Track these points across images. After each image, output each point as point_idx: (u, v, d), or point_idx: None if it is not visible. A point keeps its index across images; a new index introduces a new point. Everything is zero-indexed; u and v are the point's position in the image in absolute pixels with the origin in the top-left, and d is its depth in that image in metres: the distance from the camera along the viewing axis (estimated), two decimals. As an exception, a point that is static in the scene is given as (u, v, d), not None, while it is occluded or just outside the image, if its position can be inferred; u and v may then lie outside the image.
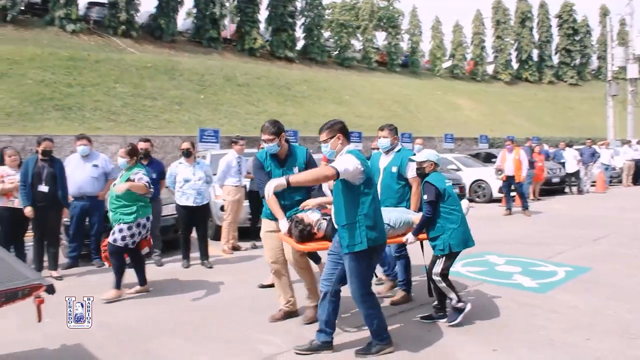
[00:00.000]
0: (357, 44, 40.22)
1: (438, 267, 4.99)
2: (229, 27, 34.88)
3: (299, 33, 35.92)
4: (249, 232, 9.17)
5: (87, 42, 26.64)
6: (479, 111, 36.08)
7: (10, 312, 5.43)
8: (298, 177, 4.04)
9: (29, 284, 3.26)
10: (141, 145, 7.84)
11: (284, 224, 4.88)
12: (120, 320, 5.35)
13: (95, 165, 7.94)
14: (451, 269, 5.07)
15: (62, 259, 7.87)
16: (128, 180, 6.05)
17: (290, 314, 5.28)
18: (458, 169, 16.22)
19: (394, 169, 5.68)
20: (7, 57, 20.98)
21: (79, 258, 7.92)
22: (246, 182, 9.12)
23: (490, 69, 47.37)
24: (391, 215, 5.09)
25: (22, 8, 27.48)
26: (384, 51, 40.81)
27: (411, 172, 5.56)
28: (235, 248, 8.98)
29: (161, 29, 29.80)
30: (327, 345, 4.36)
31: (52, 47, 23.70)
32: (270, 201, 4.98)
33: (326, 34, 38.35)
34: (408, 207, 5.58)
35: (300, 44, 36.00)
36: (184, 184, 7.77)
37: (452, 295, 5.00)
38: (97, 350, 4.54)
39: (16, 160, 7.44)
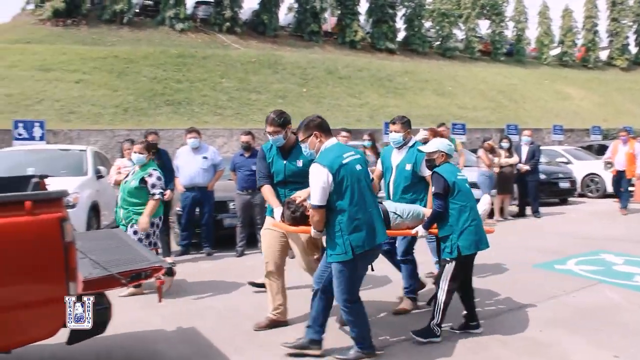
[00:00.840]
0: (459, 34, 39.01)
1: (447, 275, 4.51)
2: (329, 20, 35.00)
3: (400, 24, 35.37)
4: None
5: (195, 39, 27.79)
6: (591, 100, 33.90)
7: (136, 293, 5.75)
8: (314, 227, 4.06)
9: (151, 266, 3.40)
10: (243, 139, 8.11)
11: (278, 212, 4.61)
12: (229, 304, 5.57)
13: (205, 157, 8.22)
14: (562, 267, 4.67)
15: (174, 247, 8.25)
16: (142, 180, 5.95)
17: (277, 323, 4.89)
18: (568, 162, 15.36)
19: (408, 167, 5.26)
20: (124, 56, 22.32)
21: (190, 246, 8.25)
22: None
23: (603, 55, 44.26)
24: (399, 205, 4.81)
25: (137, 10, 29.14)
26: (488, 40, 39.27)
27: (427, 170, 5.06)
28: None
29: (264, 25, 30.46)
30: (315, 344, 4.16)
31: (163, 46, 24.94)
32: (265, 191, 4.84)
33: (427, 24, 37.44)
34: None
35: (401, 35, 35.44)
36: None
37: (437, 317, 4.47)
38: (210, 333, 4.73)
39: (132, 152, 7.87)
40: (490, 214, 11.08)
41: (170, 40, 26.52)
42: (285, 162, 4.81)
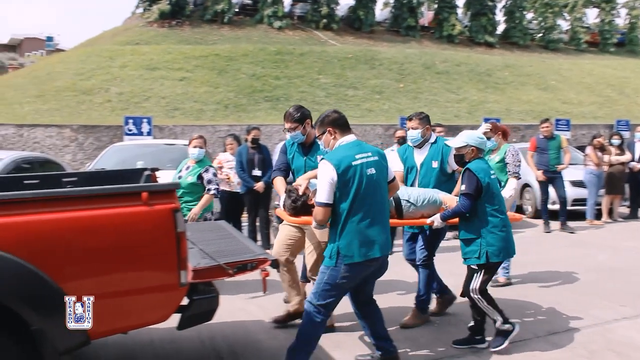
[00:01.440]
0: (563, 24, 37.06)
1: (476, 282, 4.20)
2: (426, 15, 34.40)
3: (499, 16, 34.14)
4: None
5: (292, 36, 28.24)
6: None
7: (240, 283, 5.89)
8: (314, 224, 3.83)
9: (256, 258, 3.46)
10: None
11: (282, 200, 4.42)
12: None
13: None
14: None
15: (273, 239, 8.42)
16: (199, 176, 5.90)
17: (296, 315, 4.76)
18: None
19: (435, 164, 4.85)
20: (225, 54, 23.04)
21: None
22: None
23: None
24: (412, 191, 4.39)
25: (236, 10, 30.01)
26: (595, 30, 36.95)
27: (455, 164, 4.68)
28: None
29: (360, 20, 30.42)
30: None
31: (261, 44, 25.52)
32: (277, 182, 4.71)
33: (529, 15, 35.88)
34: None
35: (500, 28, 34.20)
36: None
37: (497, 316, 4.20)
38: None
39: (234, 147, 8.10)
40: (598, 215, 10.46)
41: (269, 38, 27.11)
42: (305, 158, 4.66)
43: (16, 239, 2.80)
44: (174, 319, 3.30)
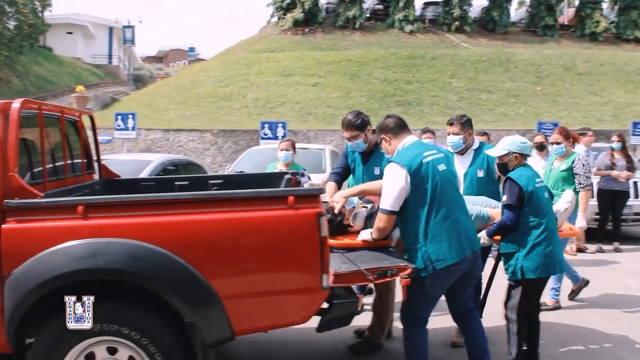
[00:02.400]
0: None
1: (514, 300, 3.84)
2: (566, 12, 32.46)
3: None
4: (595, 234, 8.34)
5: (424, 40, 27.94)
6: None
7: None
8: (375, 233, 3.61)
9: (397, 265, 3.42)
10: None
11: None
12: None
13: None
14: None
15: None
16: None
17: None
18: None
19: (480, 173, 4.40)
20: (357, 60, 23.30)
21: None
22: (595, 179, 8.29)
23: None
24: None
25: (367, 15, 30.28)
26: None
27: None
28: (581, 250, 8.25)
29: (494, 22, 29.44)
30: None
31: (393, 48, 25.51)
32: (327, 187, 4.43)
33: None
34: None
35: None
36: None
37: (513, 349, 3.83)
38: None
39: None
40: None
41: (400, 42, 27.04)
42: (363, 167, 4.41)
43: (172, 237, 2.99)
44: (311, 320, 3.36)
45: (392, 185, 3.41)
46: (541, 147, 7.44)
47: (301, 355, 4.57)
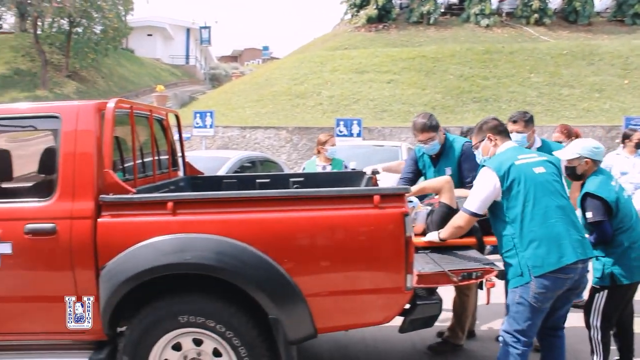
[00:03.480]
0: None
1: (598, 304, 3.59)
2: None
3: None
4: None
5: (501, 34, 27.13)
6: None
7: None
8: (444, 233, 3.52)
9: (482, 267, 3.34)
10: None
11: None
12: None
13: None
14: None
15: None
16: None
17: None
18: None
19: None
20: (432, 56, 22.95)
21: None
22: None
23: None
24: None
25: (442, 10, 29.72)
26: None
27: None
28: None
29: (576, 12, 28.17)
30: None
31: (469, 43, 24.93)
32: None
33: None
34: None
35: None
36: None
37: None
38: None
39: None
40: None
41: (476, 37, 26.40)
42: (434, 169, 4.35)
43: (258, 234, 3.04)
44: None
45: (480, 187, 3.35)
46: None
47: (379, 353, 4.55)
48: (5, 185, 3.67)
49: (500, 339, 3.36)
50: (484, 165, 3.43)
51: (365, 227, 3.02)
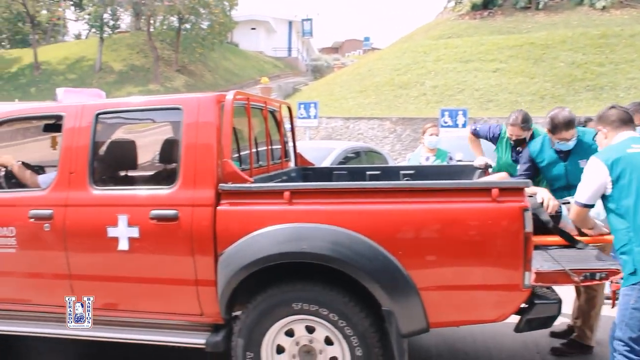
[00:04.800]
0: None
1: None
2: None
3: None
4: None
5: (620, 16, 25.29)
6: None
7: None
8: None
9: (607, 268, 3.16)
10: None
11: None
12: None
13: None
14: None
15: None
16: None
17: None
18: None
19: None
20: (541, 42, 21.91)
21: None
22: None
23: None
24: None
25: (555, -7, 28.23)
26: None
27: None
28: None
29: None
30: None
31: (582, 27, 23.50)
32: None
33: None
34: None
35: None
36: None
37: None
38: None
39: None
40: None
41: (591, 21, 24.80)
42: (564, 163, 4.15)
43: (373, 226, 3.04)
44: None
45: (588, 178, 3.22)
46: None
47: (489, 350, 4.44)
48: (131, 173, 3.92)
49: (614, 345, 3.10)
50: (593, 155, 3.28)
51: (482, 221, 2.95)
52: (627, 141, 3.20)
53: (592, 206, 3.27)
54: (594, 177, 3.17)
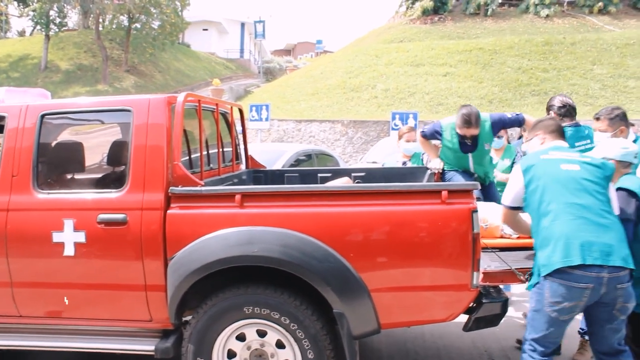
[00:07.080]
0: None
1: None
2: None
3: None
4: None
5: (562, 25, 26.27)
6: None
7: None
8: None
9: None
10: None
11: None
12: None
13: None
14: None
15: None
16: None
17: None
18: None
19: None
20: (489, 48, 22.40)
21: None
22: None
23: None
24: None
25: (500, 1, 28.99)
26: None
27: None
28: None
29: (645, -1, 26.99)
30: None
31: (528, 34, 24.25)
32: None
33: None
34: None
35: None
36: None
37: None
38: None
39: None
40: None
41: (535, 28, 25.65)
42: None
43: (324, 228, 3.05)
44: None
45: (510, 181, 3.32)
46: None
47: (439, 349, 4.51)
48: (78, 176, 3.81)
49: (522, 348, 3.16)
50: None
51: (432, 223, 2.99)
52: (549, 149, 3.25)
53: (519, 209, 3.27)
54: (513, 181, 3.27)
